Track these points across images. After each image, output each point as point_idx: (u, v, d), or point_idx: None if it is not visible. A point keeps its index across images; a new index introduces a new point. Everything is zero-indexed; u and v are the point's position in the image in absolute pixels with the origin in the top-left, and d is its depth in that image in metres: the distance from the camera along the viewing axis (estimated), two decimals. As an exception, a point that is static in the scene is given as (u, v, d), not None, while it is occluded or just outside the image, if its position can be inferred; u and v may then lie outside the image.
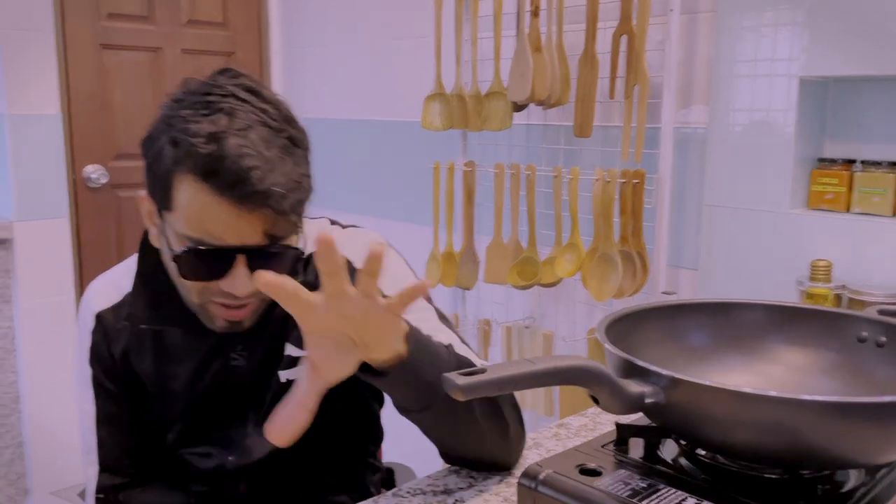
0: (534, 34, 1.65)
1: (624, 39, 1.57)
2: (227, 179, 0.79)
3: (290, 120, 0.87)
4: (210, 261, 0.84)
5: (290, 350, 0.95)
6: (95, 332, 1.00)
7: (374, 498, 0.87)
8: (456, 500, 0.86)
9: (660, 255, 1.62)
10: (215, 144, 0.79)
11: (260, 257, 0.84)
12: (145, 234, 0.95)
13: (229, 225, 0.81)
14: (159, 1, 2.58)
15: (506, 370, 0.63)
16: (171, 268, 0.89)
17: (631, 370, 0.72)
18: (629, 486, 0.72)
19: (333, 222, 1.06)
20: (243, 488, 1.02)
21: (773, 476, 0.72)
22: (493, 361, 2.04)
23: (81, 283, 2.51)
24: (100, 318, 1.00)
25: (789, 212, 1.49)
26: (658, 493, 0.70)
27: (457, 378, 0.60)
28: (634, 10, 1.54)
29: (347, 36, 2.56)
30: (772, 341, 0.85)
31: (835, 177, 1.44)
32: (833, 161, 1.46)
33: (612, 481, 0.73)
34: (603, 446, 0.81)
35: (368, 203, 2.54)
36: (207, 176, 0.80)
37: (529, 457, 0.97)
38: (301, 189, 0.85)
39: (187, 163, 0.81)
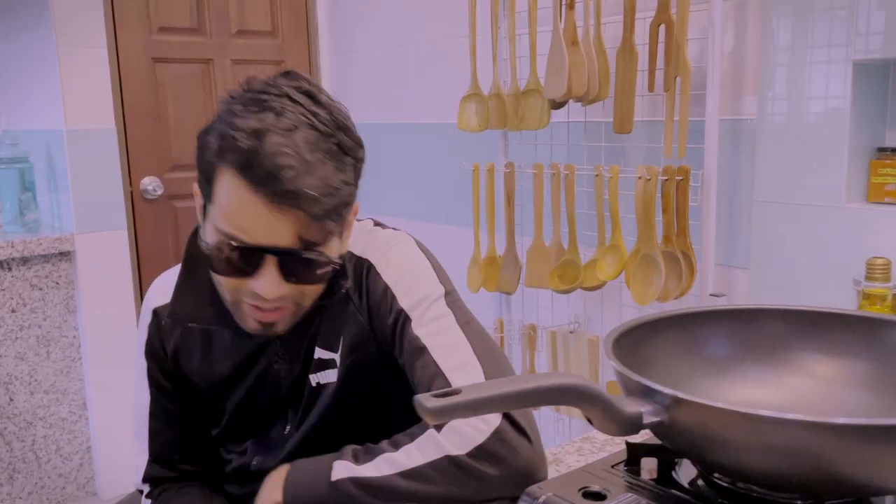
0: (569, 28, 1.59)
1: (662, 29, 1.49)
2: (261, 175, 0.79)
3: (343, 127, 0.86)
4: (240, 258, 0.83)
5: (319, 353, 0.95)
6: (151, 327, 1.02)
7: None
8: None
9: (707, 255, 1.53)
10: (256, 140, 0.79)
11: (291, 261, 0.84)
12: (195, 230, 0.95)
13: (261, 224, 0.81)
14: (209, 13, 2.63)
15: (482, 391, 0.58)
16: (212, 269, 0.89)
17: (633, 387, 0.67)
18: (634, 513, 0.66)
19: (377, 223, 1.04)
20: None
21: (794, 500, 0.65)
22: (540, 369, 1.98)
23: (141, 292, 2.58)
24: (156, 313, 1.02)
25: (846, 206, 1.38)
26: (665, 521, 0.65)
27: (427, 400, 0.56)
28: (673, -3, 1.46)
29: (390, 40, 2.55)
30: (801, 351, 0.77)
31: (896, 167, 1.33)
32: (895, 150, 1.35)
33: (616, 506, 0.67)
34: (613, 466, 0.75)
35: (413, 206, 2.52)
36: (244, 170, 0.80)
37: (550, 472, 0.92)
38: (338, 196, 0.83)
39: (228, 156, 0.81)
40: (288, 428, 1.00)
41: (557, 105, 1.69)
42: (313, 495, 0.84)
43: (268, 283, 0.83)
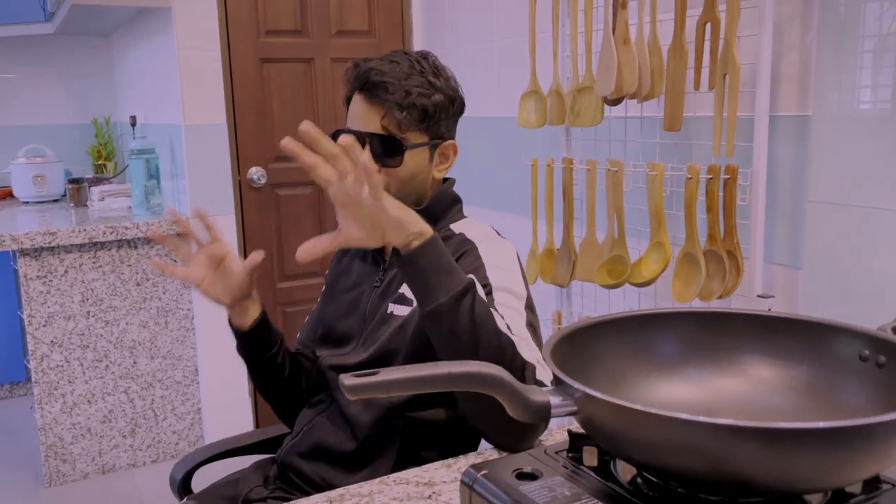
0: (622, 27, 1.60)
1: (708, 28, 1.48)
2: (361, 80, 1.13)
3: (440, 76, 1.18)
4: (340, 139, 1.03)
5: (403, 290, 1.17)
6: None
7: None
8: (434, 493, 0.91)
9: (755, 255, 1.51)
10: (366, 63, 1.15)
11: (372, 142, 1.13)
12: None
13: (358, 114, 1.14)
14: (311, 16, 2.81)
15: (398, 373, 0.67)
16: None
17: (557, 382, 0.72)
18: (553, 493, 0.72)
19: (498, 233, 1.26)
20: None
21: (712, 499, 0.69)
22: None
23: (246, 272, 2.82)
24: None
25: (899, 209, 1.32)
26: (577, 502, 0.70)
27: (346, 378, 0.66)
28: (721, -6, 1.45)
29: (473, 38, 2.62)
30: (745, 354, 0.80)
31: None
32: (952, 151, 1.28)
33: (540, 487, 0.74)
34: (557, 452, 0.81)
35: (486, 195, 2.59)
36: (353, 81, 1.15)
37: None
38: (415, 98, 1.12)
39: (350, 80, 1.16)
40: (355, 344, 1.23)
41: (613, 102, 1.71)
42: (444, 267, 0.96)
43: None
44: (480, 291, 0.98)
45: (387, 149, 1.13)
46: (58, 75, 3.97)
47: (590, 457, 0.79)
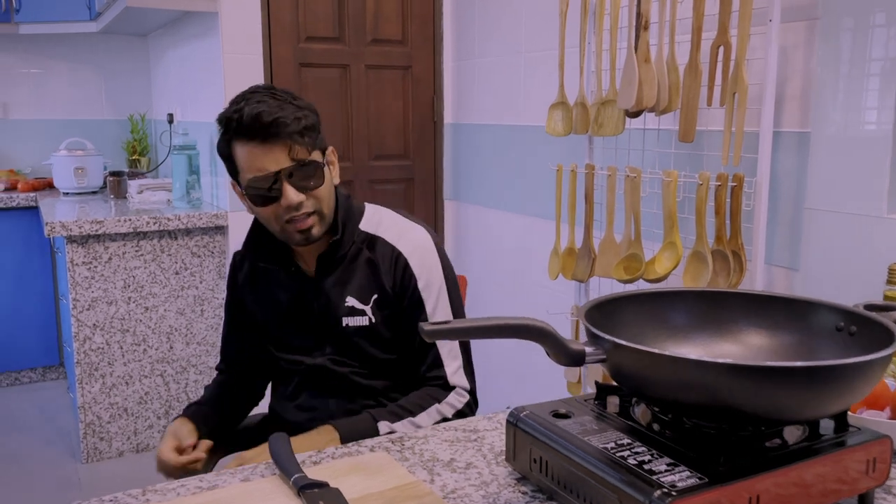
0: (643, 46, 1.78)
1: (721, 50, 1.65)
2: (248, 125, 1.19)
3: (294, 97, 1.26)
4: (265, 186, 1.22)
5: (352, 302, 1.34)
6: (230, 266, 1.47)
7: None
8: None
9: (757, 256, 1.68)
10: (238, 111, 1.21)
11: (295, 174, 1.22)
12: None
13: (265, 158, 1.21)
14: (348, 24, 3.00)
15: (465, 322, 0.84)
16: (257, 213, 1.29)
17: (591, 336, 0.89)
18: (583, 427, 0.89)
19: (403, 215, 1.43)
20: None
21: (712, 431, 0.86)
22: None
23: (279, 264, 3.00)
24: (234, 255, 1.46)
25: (886, 216, 1.49)
26: (604, 433, 0.87)
27: (425, 325, 0.83)
28: (733, 21, 1.62)
29: (501, 49, 2.80)
30: (744, 325, 0.96)
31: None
32: (933, 166, 1.45)
33: (572, 423, 0.91)
34: (586, 400, 0.98)
35: (510, 200, 2.77)
36: (239, 133, 1.21)
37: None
38: (302, 119, 1.22)
39: (228, 130, 1.22)
40: (317, 354, 1.37)
41: (633, 115, 1.88)
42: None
43: (289, 194, 1.22)
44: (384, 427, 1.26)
45: (309, 175, 1.23)
46: (97, 72, 4.12)
47: (613, 404, 0.96)
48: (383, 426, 1.27)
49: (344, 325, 1.33)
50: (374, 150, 3.11)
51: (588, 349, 0.86)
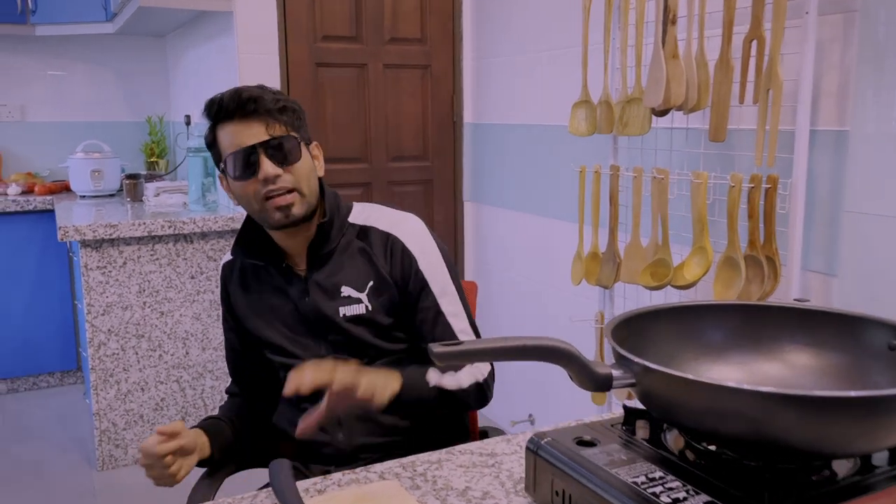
0: (671, 41, 1.69)
1: (754, 45, 1.56)
2: (229, 105, 1.22)
3: (277, 91, 1.27)
4: (244, 160, 1.23)
5: (347, 291, 1.30)
6: (221, 279, 1.44)
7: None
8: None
9: (792, 261, 1.59)
10: (220, 95, 1.24)
11: (272, 147, 1.23)
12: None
13: (243, 134, 1.23)
14: (366, 22, 2.94)
15: (479, 344, 0.77)
16: (238, 195, 1.27)
17: (618, 357, 0.82)
18: (610, 457, 0.82)
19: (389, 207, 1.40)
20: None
21: (753, 463, 0.78)
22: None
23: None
24: (223, 267, 1.43)
25: (932, 220, 1.40)
26: (633, 464, 0.80)
27: (435, 347, 0.76)
28: (767, 14, 1.53)
29: (521, 47, 2.72)
30: (786, 343, 0.88)
31: None
32: None
33: (598, 452, 0.83)
34: (612, 425, 0.91)
35: (531, 201, 2.69)
36: (220, 113, 1.24)
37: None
38: (283, 101, 1.25)
39: (210, 116, 1.25)
40: (316, 351, 1.32)
41: (660, 113, 1.80)
42: (417, 392, 1.23)
43: (266, 167, 1.22)
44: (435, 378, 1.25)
45: (287, 148, 1.24)
46: (115, 74, 4.10)
47: (643, 429, 0.88)
48: (433, 375, 1.25)
49: (341, 314, 1.29)
50: (393, 151, 3.05)
51: (615, 373, 0.78)
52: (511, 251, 2.89)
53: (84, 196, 3.61)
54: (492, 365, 1.34)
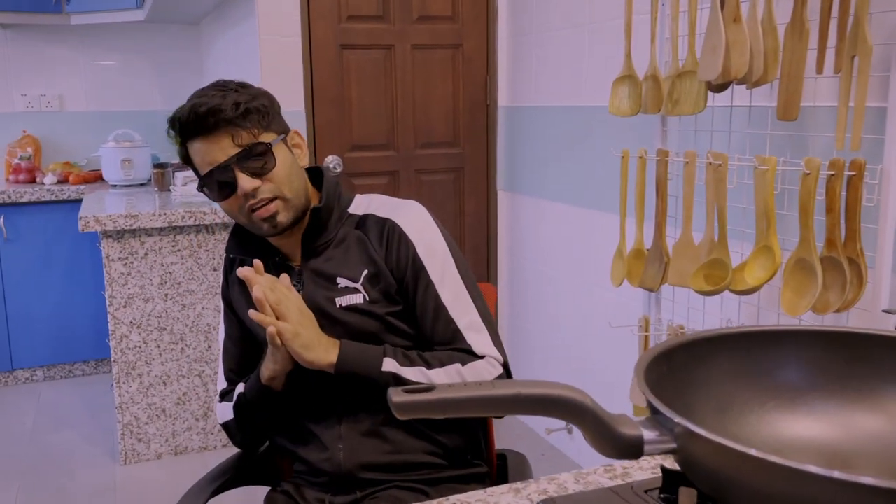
0: (731, 3, 1.44)
1: (836, 2, 1.30)
2: (187, 122, 1.17)
3: (243, 86, 1.21)
4: (219, 179, 1.18)
5: (343, 281, 1.24)
6: (223, 272, 1.39)
7: None
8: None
9: (882, 264, 1.32)
10: (180, 112, 1.18)
11: (244, 160, 1.17)
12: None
13: (212, 150, 1.17)
14: (393, 0, 2.74)
15: (455, 392, 0.55)
16: (224, 209, 1.24)
17: (653, 412, 0.59)
18: (642, 547, 0.59)
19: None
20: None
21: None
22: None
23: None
24: (226, 259, 1.39)
25: None
26: (672, 561, 0.57)
27: (395, 394, 0.54)
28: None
29: (562, 22, 2.48)
30: (891, 386, 0.64)
31: None
32: None
33: (626, 536, 0.61)
34: (647, 491, 0.68)
35: (570, 191, 2.45)
36: (184, 131, 1.18)
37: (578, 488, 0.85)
38: (244, 104, 1.17)
39: (177, 134, 1.20)
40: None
41: (718, 88, 1.54)
42: (362, 372, 1.16)
43: (242, 183, 1.17)
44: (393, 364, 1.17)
45: (258, 157, 1.18)
46: (150, 62, 4.08)
47: (687, 501, 0.65)
48: (388, 363, 1.18)
49: (337, 304, 1.24)
50: (421, 137, 2.88)
51: (648, 434, 0.56)
52: (547, 245, 2.67)
53: (115, 185, 3.62)
54: (505, 367, 1.23)
